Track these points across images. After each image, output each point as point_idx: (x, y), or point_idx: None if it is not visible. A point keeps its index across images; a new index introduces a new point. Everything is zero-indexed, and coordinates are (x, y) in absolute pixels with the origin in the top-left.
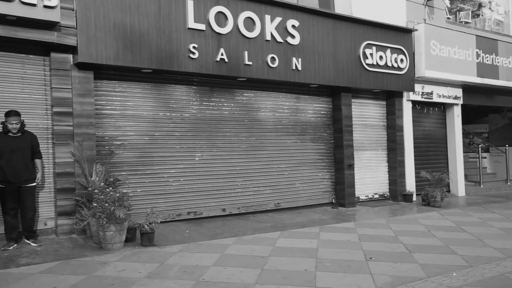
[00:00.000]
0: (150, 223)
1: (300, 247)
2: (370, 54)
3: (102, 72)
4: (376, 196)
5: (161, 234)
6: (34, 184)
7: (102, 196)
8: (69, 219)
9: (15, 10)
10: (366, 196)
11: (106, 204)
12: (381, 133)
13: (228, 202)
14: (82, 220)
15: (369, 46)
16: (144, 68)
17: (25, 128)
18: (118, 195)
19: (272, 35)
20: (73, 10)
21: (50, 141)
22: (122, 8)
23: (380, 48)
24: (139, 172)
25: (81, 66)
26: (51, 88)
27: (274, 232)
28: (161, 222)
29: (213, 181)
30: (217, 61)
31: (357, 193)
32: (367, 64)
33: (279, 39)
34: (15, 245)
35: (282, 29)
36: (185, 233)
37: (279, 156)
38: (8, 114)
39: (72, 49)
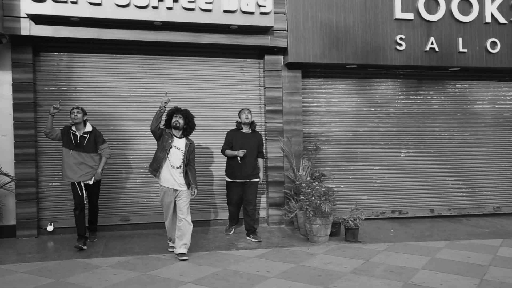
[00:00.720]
0: (354, 219)
1: None
2: None
3: (309, 70)
4: None
5: (364, 231)
6: (258, 180)
7: (309, 190)
8: (278, 210)
9: (238, 19)
10: None
11: (313, 198)
12: None
13: (437, 203)
14: (290, 212)
15: None
16: (349, 64)
17: (256, 128)
18: (323, 189)
19: (493, 16)
20: (284, 14)
21: (263, 137)
22: (328, 6)
23: None
24: (343, 168)
25: (291, 66)
26: (265, 88)
27: (494, 240)
28: (364, 219)
29: (420, 179)
30: (426, 51)
31: None
32: None
33: (501, 20)
34: (233, 231)
35: (506, 8)
36: (390, 232)
37: (500, 153)
38: (243, 111)
39: (282, 51)
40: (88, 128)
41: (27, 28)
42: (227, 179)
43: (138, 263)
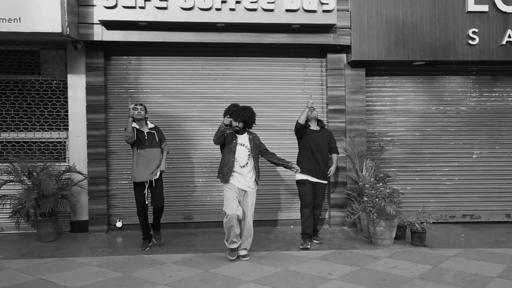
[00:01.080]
0: (421, 223)
1: None
2: None
3: (373, 68)
4: None
5: (432, 235)
6: (326, 182)
7: (372, 191)
8: (340, 212)
9: (300, 18)
10: None
11: (377, 199)
12: None
13: None
14: (352, 213)
15: None
16: (416, 60)
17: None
18: (388, 191)
19: None
20: (347, 11)
21: None
22: (394, 1)
23: None
24: (409, 169)
25: (354, 64)
26: (327, 87)
27: None
28: (432, 222)
29: (495, 181)
30: (502, 45)
31: None
32: None
33: None
34: (309, 245)
35: None
36: (461, 236)
37: None
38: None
39: (345, 49)
40: (151, 124)
41: (100, 34)
42: (298, 177)
43: (200, 261)
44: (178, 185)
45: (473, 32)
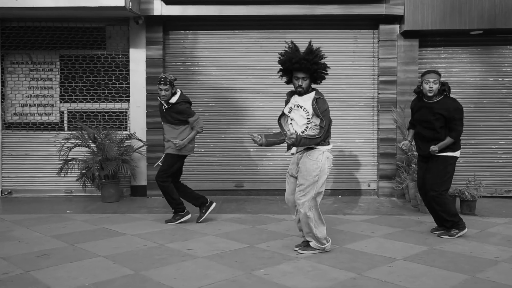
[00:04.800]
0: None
1: None
2: None
3: (427, 39)
4: None
5: (484, 207)
6: (442, 155)
7: None
8: (389, 182)
9: None
10: None
11: None
12: None
13: None
14: (401, 183)
15: None
16: (474, 29)
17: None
18: None
19: None
20: None
21: (375, 108)
22: None
23: None
24: (462, 142)
25: (407, 35)
26: (378, 58)
27: None
28: (486, 196)
29: None
30: None
31: None
32: None
33: None
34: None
35: None
36: None
37: None
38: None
39: (398, 19)
40: (174, 99)
41: (159, 9)
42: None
43: (249, 219)
44: (229, 154)
45: None
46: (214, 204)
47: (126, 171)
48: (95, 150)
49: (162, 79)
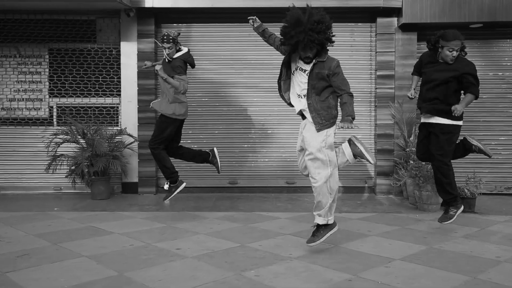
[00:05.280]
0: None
1: None
2: None
3: (426, 33)
4: None
5: (484, 204)
6: (446, 123)
7: None
8: (387, 179)
9: None
10: None
11: (424, 163)
12: None
13: None
14: (399, 180)
15: None
16: (473, 22)
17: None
18: None
19: None
20: None
21: (372, 104)
22: None
23: None
24: (461, 137)
25: (405, 28)
26: (376, 52)
27: None
28: (486, 193)
29: None
30: None
31: None
32: None
33: None
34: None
35: None
36: None
37: None
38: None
39: (396, 12)
40: (176, 55)
41: (151, 1)
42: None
43: (241, 217)
44: (223, 150)
45: None
46: (184, 184)
47: (116, 167)
48: (84, 146)
49: (165, 37)
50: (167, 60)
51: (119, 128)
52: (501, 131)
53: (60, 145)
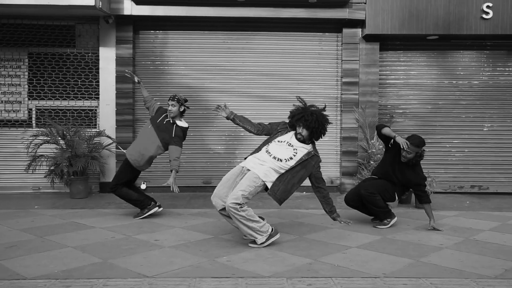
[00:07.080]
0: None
1: None
2: None
3: (388, 43)
4: None
5: (439, 202)
6: None
7: (379, 155)
8: (351, 179)
9: None
10: None
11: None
12: None
13: None
14: (361, 179)
15: None
16: (430, 34)
17: None
18: None
19: None
20: None
21: (338, 108)
22: None
23: None
24: None
25: (368, 38)
26: (342, 60)
27: None
28: (440, 192)
29: (504, 154)
30: None
31: None
32: None
33: None
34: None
35: None
36: (465, 203)
37: None
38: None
39: (361, 24)
40: (182, 124)
41: (129, 9)
42: None
43: (215, 214)
44: (198, 151)
45: (487, 7)
46: (157, 209)
47: (95, 167)
48: (64, 147)
49: (172, 96)
50: (165, 121)
51: (98, 130)
52: (455, 134)
53: (40, 146)
